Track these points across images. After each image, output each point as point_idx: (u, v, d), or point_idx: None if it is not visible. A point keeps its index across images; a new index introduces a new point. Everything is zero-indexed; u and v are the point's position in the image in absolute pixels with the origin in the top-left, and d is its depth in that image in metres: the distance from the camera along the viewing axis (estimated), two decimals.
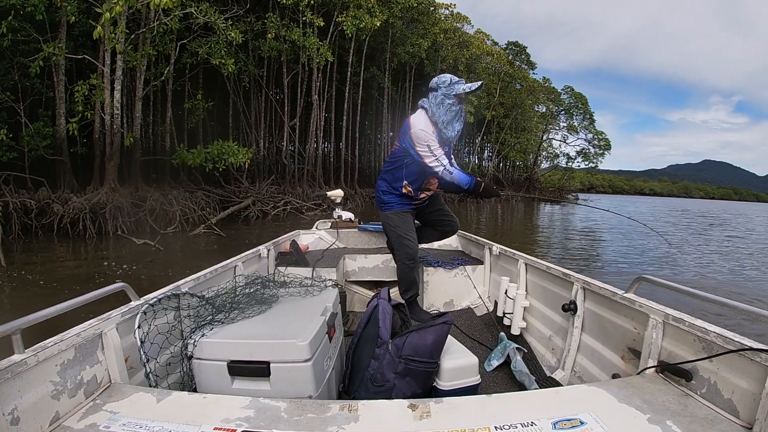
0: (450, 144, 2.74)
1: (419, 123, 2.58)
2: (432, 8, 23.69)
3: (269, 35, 14.46)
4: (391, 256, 3.28)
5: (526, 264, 2.78)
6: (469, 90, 2.58)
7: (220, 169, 11.84)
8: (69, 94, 11.23)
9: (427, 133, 2.55)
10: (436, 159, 2.58)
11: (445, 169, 2.60)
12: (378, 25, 16.45)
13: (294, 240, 3.52)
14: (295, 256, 3.27)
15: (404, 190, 2.82)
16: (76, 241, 9.27)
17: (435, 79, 2.67)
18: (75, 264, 7.37)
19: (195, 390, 1.47)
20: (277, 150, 19.28)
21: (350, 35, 16.83)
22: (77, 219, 9.41)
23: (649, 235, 12.93)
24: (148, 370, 1.52)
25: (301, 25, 15.67)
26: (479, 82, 2.67)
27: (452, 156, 2.82)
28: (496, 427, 1.10)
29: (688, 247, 12.80)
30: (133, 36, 10.84)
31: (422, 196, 2.88)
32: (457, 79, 2.62)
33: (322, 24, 15.45)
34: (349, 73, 20.20)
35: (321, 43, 15.67)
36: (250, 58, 16.31)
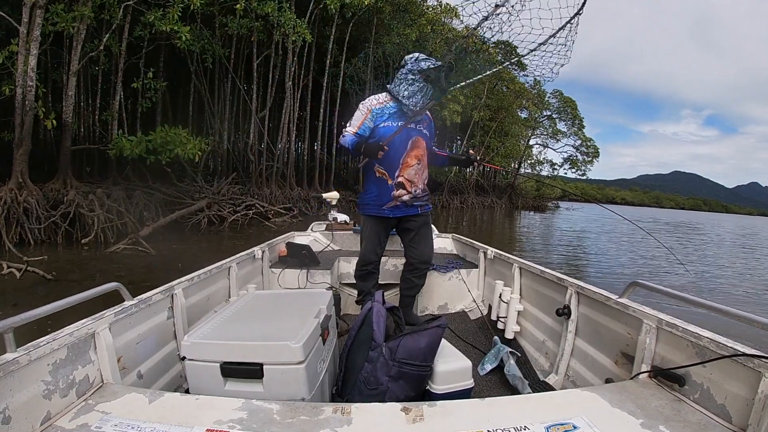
0: (417, 117, 2.64)
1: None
2: None
3: (238, 7, 12.15)
4: (385, 259, 3.36)
5: (520, 268, 2.76)
6: (432, 66, 2.59)
7: (163, 162, 9.51)
8: None
9: (361, 106, 2.66)
10: (344, 129, 2.65)
11: (343, 136, 2.63)
12: (366, 3, 14.34)
13: (289, 242, 3.50)
14: (289, 258, 3.25)
15: (377, 174, 2.69)
16: None
17: (405, 57, 2.71)
18: None
19: (187, 391, 1.44)
20: (244, 144, 16.91)
21: (334, 11, 14.59)
22: None
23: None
24: (141, 370, 1.51)
25: None
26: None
27: (435, 137, 2.87)
28: (489, 431, 1.07)
29: None
30: None
31: (401, 178, 2.66)
32: (425, 57, 2.64)
33: None
34: (328, 63, 18.08)
35: (298, 20, 13.47)
36: (216, 35, 13.95)
